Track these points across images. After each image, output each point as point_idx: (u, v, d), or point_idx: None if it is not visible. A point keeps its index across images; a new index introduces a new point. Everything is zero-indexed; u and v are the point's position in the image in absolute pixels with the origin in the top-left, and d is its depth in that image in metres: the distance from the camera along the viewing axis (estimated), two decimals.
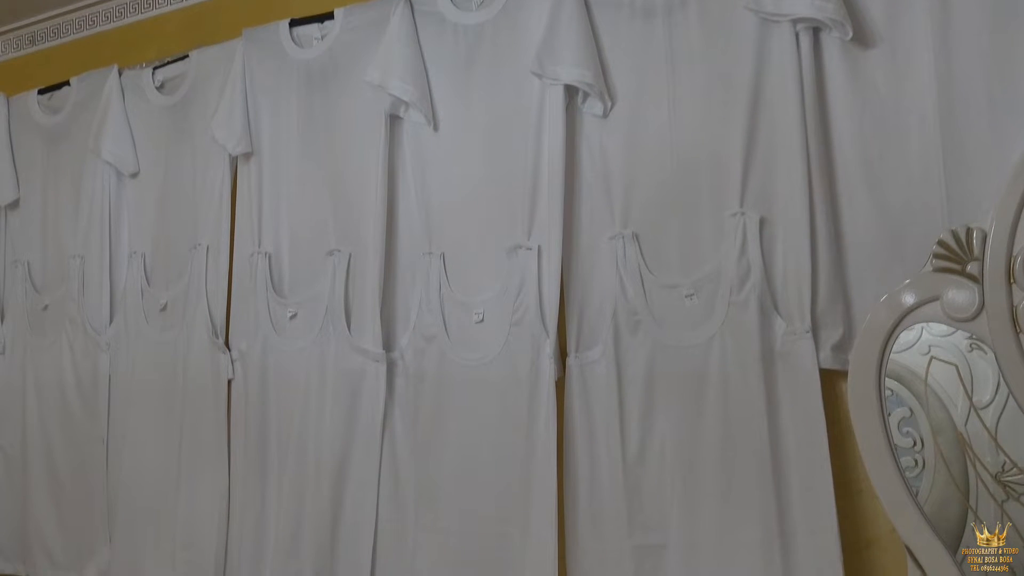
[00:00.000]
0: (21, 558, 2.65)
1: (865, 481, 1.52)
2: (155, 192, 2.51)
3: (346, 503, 2.07)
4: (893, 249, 1.57)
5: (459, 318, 1.96)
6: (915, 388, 1.50)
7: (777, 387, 1.60)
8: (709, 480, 1.64)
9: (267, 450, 2.18)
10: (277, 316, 2.21)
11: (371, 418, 2.04)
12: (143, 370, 2.44)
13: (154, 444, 2.38)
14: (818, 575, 1.53)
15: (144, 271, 2.50)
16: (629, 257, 1.76)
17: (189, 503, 2.28)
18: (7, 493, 2.71)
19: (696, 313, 1.69)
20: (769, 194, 1.66)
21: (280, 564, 2.11)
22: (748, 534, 1.59)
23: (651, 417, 1.71)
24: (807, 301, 1.58)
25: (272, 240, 2.25)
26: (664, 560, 1.68)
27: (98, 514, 2.49)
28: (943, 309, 1.38)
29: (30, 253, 2.77)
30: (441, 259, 2.00)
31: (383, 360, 2.02)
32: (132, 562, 2.37)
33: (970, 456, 1.46)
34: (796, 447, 1.57)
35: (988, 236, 1.34)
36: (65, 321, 2.62)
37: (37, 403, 2.66)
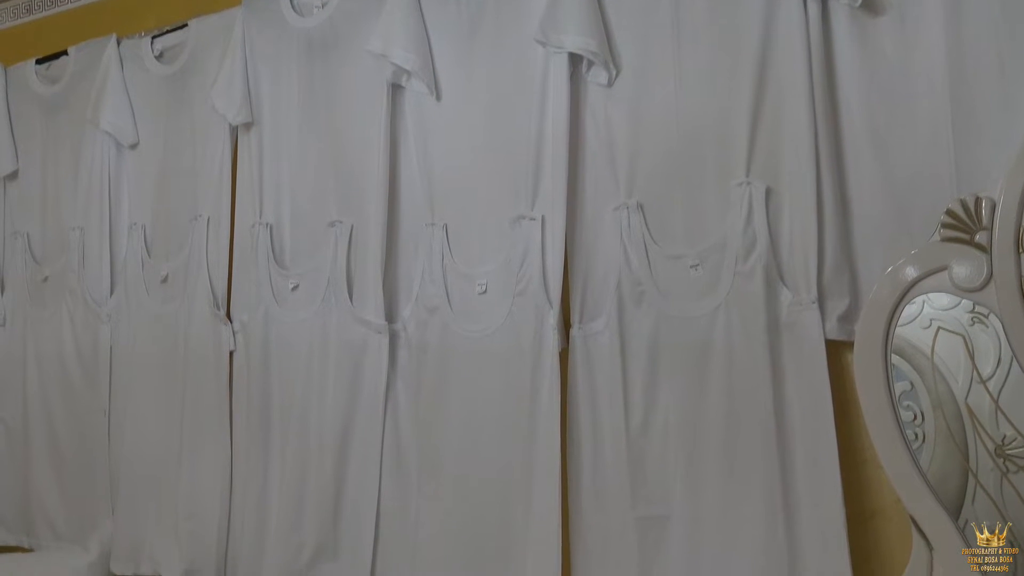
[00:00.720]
0: (24, 530, 2.66)
1: (870, 451, 1.52)
2: (155, 163, 2.49)
3: (349, 474, 2.07)
4: (900, 219, 1.55)
5: (462, 289, 1.95)
6: (916, 362, 1.49)
7: (782, 358, 1.59)
8: (713, 451, 1.64)
9: (269, 421, 2.18)
10: (279, 287, 2.20)
11: (374, 390, 2.03)
12: (144, 342, 2.43)
13: (156, 416, 2.38)
14: (822, 545, 1.52)
15: (144, 242, 2.49)
16: (633, 228, 1.75)
17: (191, 475, 2.28)
18: (9, 465, 2.72)
19: (701, 284, 1.68)
20: (775, 164, 1.65)
21: (283, 536, 2.12)
22: (752, 505, 1.59)
23: (655, 388, 1.71)
24: (813, 271, 1.57)
25: (273, 211, 2.24)
26: (667, 532, 1.68)
27: (100, 486, 2.49)
28: (950, 279, 1.37)
29: (30, 224, 2.76)
30: (444, 230, 1.98)
31: (385, 331, 2.02)
32: (135, 534, 2.38)
33: (976, 427, 1.45)
34: (801, 418, 1.57)
35: (997, 205, 1.33)
36: (65, 293, 2.61)
37: (38, 375, 2.66)
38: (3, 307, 2.79)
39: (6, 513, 2.70)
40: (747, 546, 1.59)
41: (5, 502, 2.70)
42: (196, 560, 2.23)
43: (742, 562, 1.60)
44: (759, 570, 1.57)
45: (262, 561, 2.13)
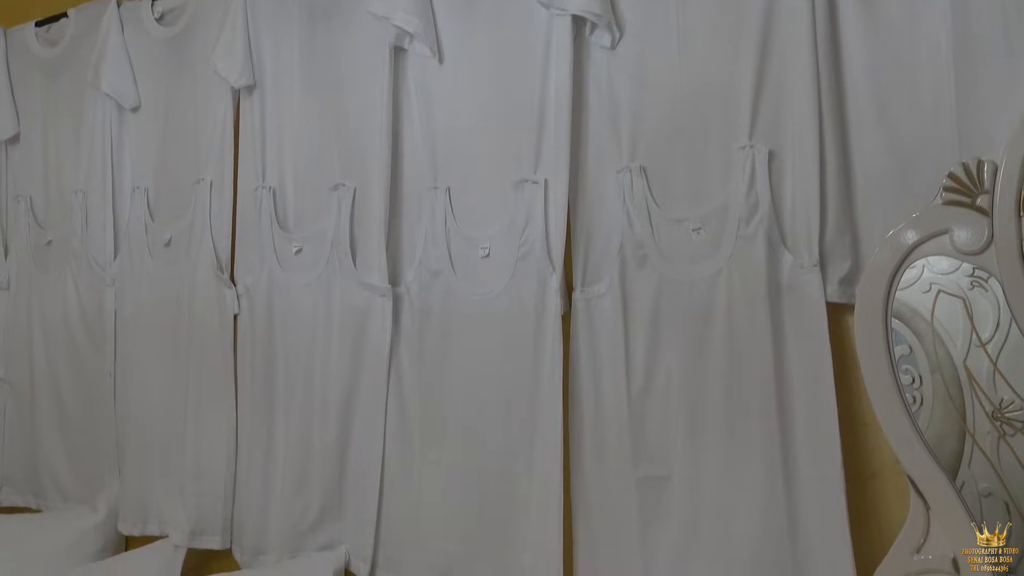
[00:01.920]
0: (32, 491, 2.69)
1: (869, 414, 1.53)
2: (157, 126, 2.49)
3: (353, 437, 2.09)
4: (903, 182, 1.55)
5: (465, 253, 1.95)
6: (915, 325, 1.50)
7: (783, 321, 1.60)
8: (714, 413, 1.65)
9: (274, 384, 2.20)
10: (282, 251, 2.21)
11: (377, 352, 2.05)
12: (149, 305, 2.44)
13: (161, 378, 2.39)
14: (821, 506, 1.54)
15: (147, 206, 2.49)
16: (636, 191, 1.75)
17: (197, 437, 2.30)
18: (16, 427, 2.74)
19: (703, 247, 1.68)
20: (778, 127, 1.64)
21: (288, 496, 2.14)
22: (752, 465, 1.61)
23: (657, 351, 1.72)
24: (815, 235, 1.58)
25: (276, 174, 2.24)
26: (668, 491, 1.70)
27: (107, 447, 2.51)
28: (951, 242, 1.37)
29: (32, 188, 2.76)
30: (447, 193, 1.98)
31: (389, 295, 2.03)
32: (141, 495, 2.41)
33: (974, 389, 1.47)
34: (801, 380, 1.58)
35: (999, 169, 1.33)
36: (69, 256, 2.62)
37: (43, 338, 2.67)
38: (7, 271, 2.80)
39: (14, 474, 2.73)
40: (746, 506, 1.61)
41: (13, 464, 2.73)
42: (202, 520, 2.26)
43: (741, 521, 1.62)
44: (758, 529, 1.59)
45: (268, 521, 2.16)
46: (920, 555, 1.40)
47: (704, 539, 1.66)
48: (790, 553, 1.57)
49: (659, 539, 1.70)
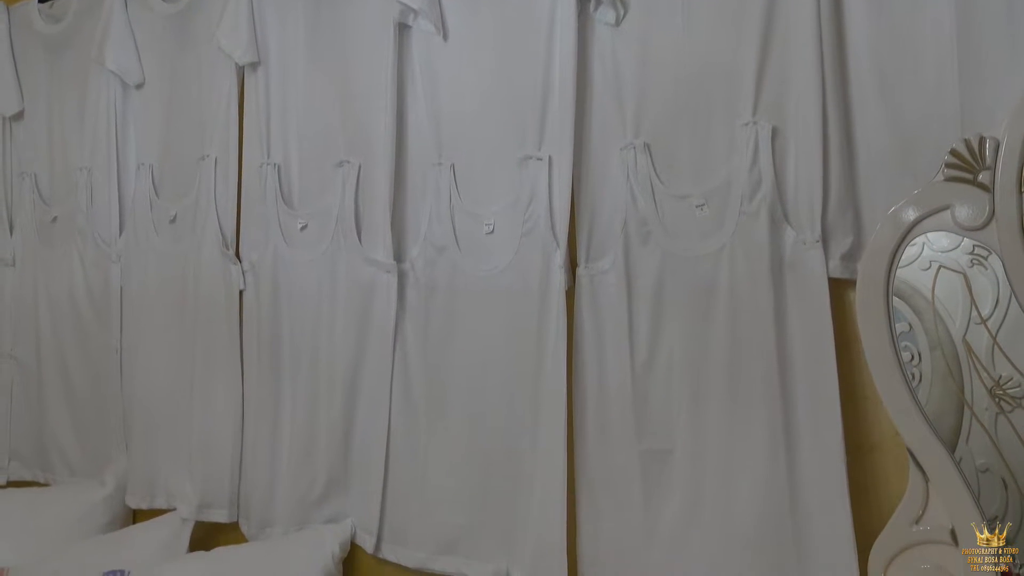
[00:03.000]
0: (40, 465, 2.72)
1: (870, 388, 1.54)
2: (161, 103, 2.49)
3: (358, 412, 2.11)
4: (905, 159, 1.56)
5: (470, 229, 1.96)
6: (914, 303, 1.51)
7: (786, 296, 1.62)
8: (717, 387, 1.67)
9: (280, 360, 2.22)
10: (287, 227, 2.22)
11: (382, 328, 2.06)
12: (155, 281, 2.46)
13: (168, 354, 2.41)
14: (822, 478, 1.56)
15: (152, 183, 2.51)
16: (640, 167, 1.76)
17: (204, 411, 2.32)
18: (23, 403, 2.77)
19: (707, 223, 1.69)
20: (782, 104, 1.65)
21: (295, 470, 2.17)
22: (754, 438, 1.63)
23: (660, 326, 1.73)
24: (818, 211, 1.58)
25: (281, 151, 2.25)
26: (670, 465, 1.72)
27: (114, 423, 2.54)
28: (952, 218, 1.38)
29: (37, 165, 2.77)
30: (451, 170, 1.99)
31: (394, 271, 2.04)
32: (149, 469, 2.43)
33: (973, 365, 1.48)
34: (803, 355, 1.59)
35: (1001, 145, 1.34)
36: (75, 233, 2.64)
37: (50, 314, 2.69)
38: (12, 248, 2.81)
39: (22, 449, 2.76)
40: (748, 478, 1.63)
41: (20, 439, 2.76)
42: (209, 494, 2.29)
43: (743, 494, 1.64)
44: (760, 502, 1.62)
45: (274, 495, 2.19)
46: (919, 526, 1.43)
47: (706, 512, 1.68)
48: (791, 524, 1.59)
49: (662, 511, 1.72)
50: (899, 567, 1.43)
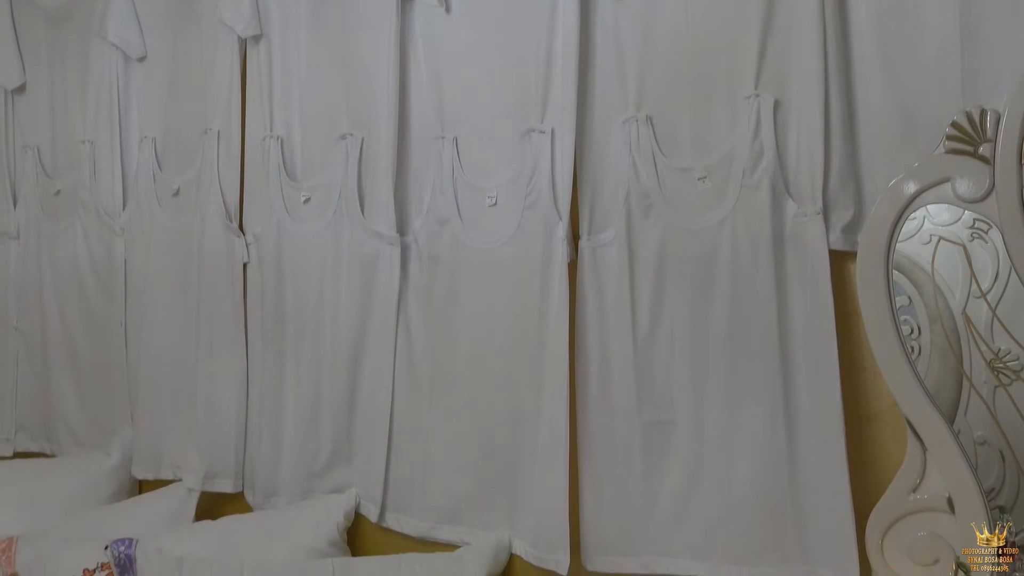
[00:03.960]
0: (46, 436, 2.74)
1: (869, 359, 1.56)
2: (164, 76, 2.49)
3: (362, 384, 2.13)
4: (906, 132, 1.57)
5: (472, 202, 1.97)
6: (914, 276, 1.52)
7: (786, 268, 1.63)
8: (718, 358, 1.68)
9: (284, 332, 2.23)
10: (290, 200, 2.23)
11: (386, 300, 2.08)
12: (158, 254, 2.46)
13: (172, 327, 2.43)
14: (821, 448, 1.58)
15: (155, 156, 2.51)
16: (642, 140, 1.76)
17: (208, 384, 2.34)
18: (29, 375, 2.78)
19: (708, 196, 1.70)
20: (784, 77, 1.65)
21: (299, 441, 2.19)
22: (754, 409, 1.64)
23: (662, 298, 1.74)
24: (819, 184, 1.59)
25: (284, 124, 2.25)
26: (672, 435, 1.74)
27: (119, 395, 2.56)
28: (953, 190, 1.39)
29: (39, 138, 2.77)
30: (454, 143, 2.00)
31: (397, 243, 2.05)
32: (154, 440, 2.45)
33: (972, 337, 1.50)
34: (803, 326, 1.61)
35: (1002, 118, 1.34)
36: (78, 206, 2.64)
37: (54, 287, 2.70)
38: (16, 221, 2.82)
39: (28, 421, 2.78)
40: (748, 448, 1.65)
41: (26, 410, 2.78)
42: (215, 465, 2.31)
43: (743, 463, 1.66)
44: (760, 470, 1.64)
45: (279, 465, 2.21)
46: (916, 495, 1.45)
47: (706, 481, 1.70)
48: (790, 493, 1.61)
49: (663, 481, 1.74)
50: (896, 535, 1.45)
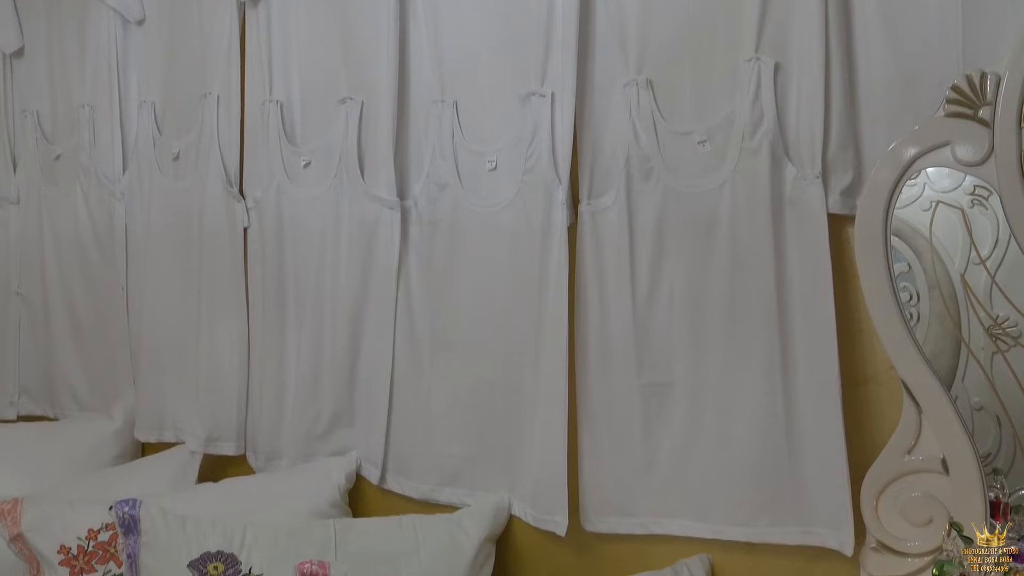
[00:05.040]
0: (49, 400, 2.76)
1: (866, 321, 1.56)
2: (162, 39, 2.48)
3: (363, 346, 2.14)
4: (907, 96, 1.56)
5: (472, 166, 1.97)
6: (914, 243, 1.53)
7: (785, 232, 1.63)
8: (716, 321, 1.69)
9: (285, 297, 2.24)
10: (291, 164, 2.23)
11: (386, 264, 2.08)
12: (159, 219, 2.47)
13: (174, 291, 2.44)
14: (817, 409, 1.59)
15: (155, 120, 2.50)
16: (642, 104, 1.75)
17: (210, 348, 2.36)
18: (30, 340, 2.80)
19: (708, 160, 1.70)
20: (785, 40, 1.64)
21: (301, 404, 2.21)
22: (752, 371, 1.66)
23: (661, 261, 1.75)
24: (818, 147, 1.59)
25: (283, 88, 2.24)
26: (670, 397, 1.75)
27: (121, 358, 2.58)
28: (952, 154, 1.39)
29: (38, 102, 2.77)
30: (454, 107, 1.99)
31: (397, 207, 2.05)
32: (157, 404, 2.48)
33: (971, 303, 1.51)
34: (801, 289, 1.61)
35: (1002, 81, 1.34)
36: (78, 171, 2.64)
37: (55, 251, 2.71)
38: (16, 186, 2.82)
39: (31, 385, 2.80)
40: (745, 410, 1.67)
41: (29, 374, 2.80)
42: (217, 428, 2.33)
43: (740, 425, 1.67)
44: (757, 432, 1.65)
45: (281, 427, 2.23)
46: (911, 456, 1.46)
47: (704, 443, 1.72)
48: (787, 454, 1.63)
49: (661, 443, 1.76)
50: (891, 495, 1.47)
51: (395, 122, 2.05)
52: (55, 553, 1.91)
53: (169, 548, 1.80)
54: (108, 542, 1.93)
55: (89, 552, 1.93)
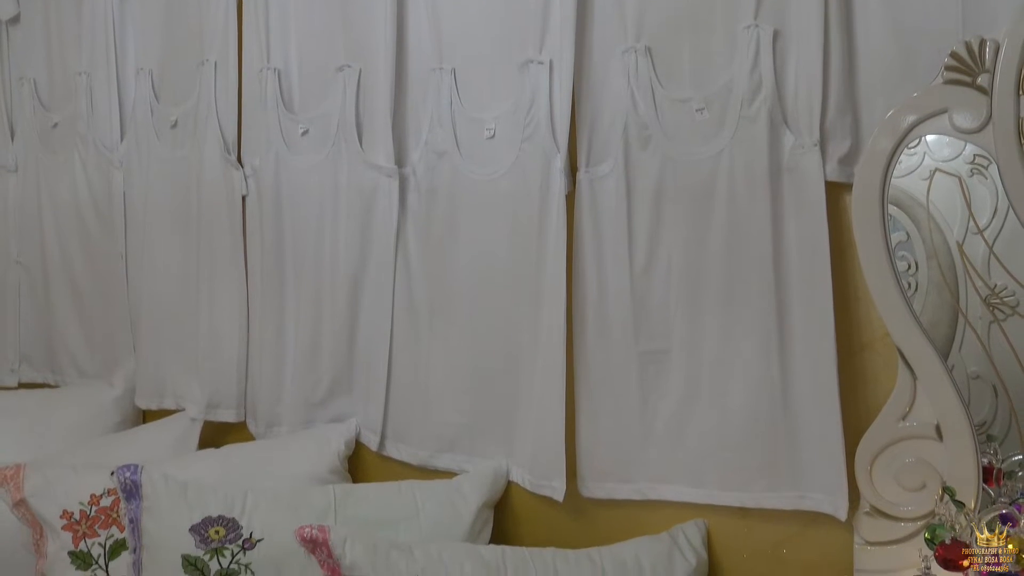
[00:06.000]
0: (49, 367, 2.77)
1: (862, 288, 1.57)
2: (159, 6, 2.47)
3: (361, 315, 2.15)
4: (906, 63, 1.55)
5: (470, 134, 1.96)
6: (913, 212, 1.53)
7: (783, 200, 1.63)
8: (713, 288, 1.70)
9: (283, 264, 2.24)
10: (288, 133, 2.22)
11: (384, 232, 2.09)
12: (158, 187, 2.47)
13: (173, 258, 2.44)
14: (813, 376, 1.60)
15: (152, 88, 2.49)
16: (641, 71, 1.75)
17: (209, 315, 2.36)
18: (31, 307, 2.80)
19: (706, 127, 1.69)
20: (784, 7, 1.63)
21: (300, 371, 2.22)
22: (749, 339, 1.66)
23: (659, 229, 1.75)
24: (817, 115, 1.58)
25: (281, 56, 2.23)
26: (667, 365, 1.76)
27: (121, 326, 2.58)
28: (950, 121, 1.39)
29: (35, 70, 2.76)
30: (452, 75, 1.98)
31: (395, 175, 2.05)
32: (157, 371, 2.49)
33: (969, 272, 1.51)
34: (798, 257, 1.62)
35: (1001, 47, 1.34)
36: (76, 139, 2.64)
37: (54, 220, 2.71)
38: (14, 154, 2.81)
39: (31, 352, 2.81)
40: (742, 377, 1.68)
41: (30, 342, 2.81)
42: (217, 395, 2.35)
43: (737, 392, 1.68)
44: (753, 399, 1.66)
45: (281, 395, 2.24)
46: (905, 422, 1.48)
47: (701, 410, 1.73)
48: (783, 421, 1.64)
49: (658, 410, 1.77)
50: (885, 461, 1.49)
51: (393, 90, 2.04)
52: (58, 518, 1.93)
53: (171, 512, 1.81)
54: (110, 507, 1.95)
55: (91, 517, 1.95)
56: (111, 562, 1.93)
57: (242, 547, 1.79)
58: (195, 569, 1.77)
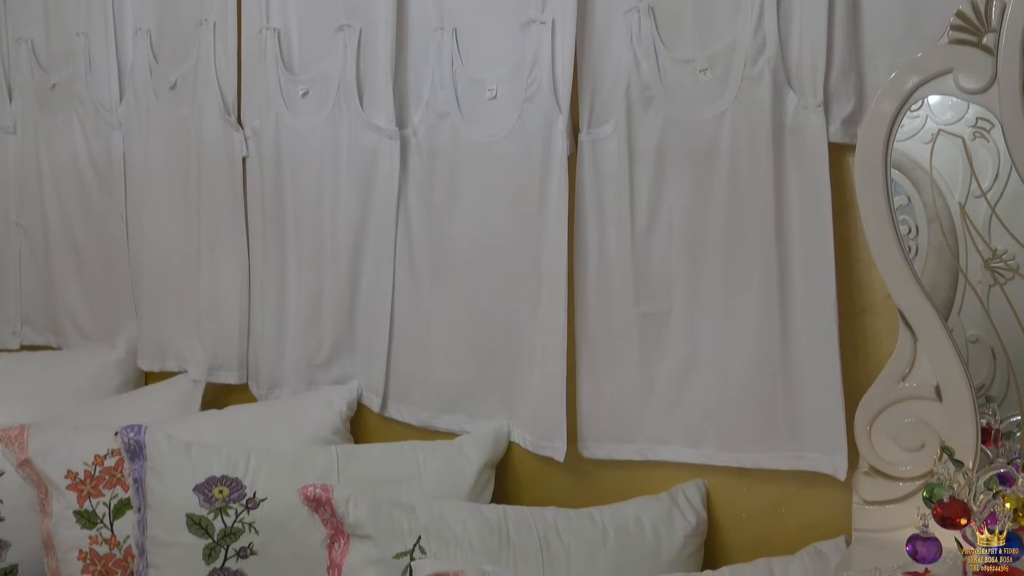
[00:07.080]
0: (51, 330, 2.77)
1: (864, 250, 1.57)
2: None
3: (363, 277, 2.15)
4: (910, 23, 1.54)
5: (472, 95, 1.95)
6: (914, 176, 1.53)
7: (786, 161, 1.62)
8: (715, 250, 1.70)
9: (284, 226, 2.24)
10: (289, 93, 2.21)
11: (385, 194, 2.08)
12: (157, 148, 2.46)
13: (173, 220, 2.44)
14: (814, 336, 1.61)
15: (151, 48, 2.47)
16: (644, 31, 1.73)
17: (211, 277, 2.36)
18: (32, 270, 2.80)
19: (710, 88, 1.68)
20: None
21: (302, 333, 2.23)
22: (750, 300, 1.67)
23: (660, 191, 1.74)
24: (821, 75, 1.57)
25: (280, 15, 2.21)
26: (667, 326, 1.76)
27: (123, 288, 2.59)
28: (955, 82, 1.38)
29: (32, 30, 2.73)
30: (453, 35, 1.97)
31: (396, 137, 2.04)
32: (159, 333, 2.50)
33: (969, 234, 1.51)
34: (800, 218, 1.61)
35: (1007, 6, 1.33)
36: (75, 100, 2.62)
37: (54, 182, 2.70)
38: (13, 115, 2.79)
39: (32, 315, 2.81)
40: (743, 338, 1.68)
41: (31, 304, 2.81)
42: (219, 356, 2.35)
43: (738, 353, 1.69)
44: (754, 359, 1.67)
45: (283, 355, 2.25)
46: (905, 383, 1.48)
47: (701, 370, 1.74)
48: (783, 382, 1.65)
49: (658, 371, 1.78)
50: (884, 421, 1.49)
51: (394, 50, 2.03)
52: (62, 478, 1.95)
53: (175, 472, 1.83)
54: (114, 467, 1.97)
55: (96, 477, 1.96)
56: (116, 521, 1.95)
57: (246, 506, 1.81)
58: (199, 528, 1.79)
